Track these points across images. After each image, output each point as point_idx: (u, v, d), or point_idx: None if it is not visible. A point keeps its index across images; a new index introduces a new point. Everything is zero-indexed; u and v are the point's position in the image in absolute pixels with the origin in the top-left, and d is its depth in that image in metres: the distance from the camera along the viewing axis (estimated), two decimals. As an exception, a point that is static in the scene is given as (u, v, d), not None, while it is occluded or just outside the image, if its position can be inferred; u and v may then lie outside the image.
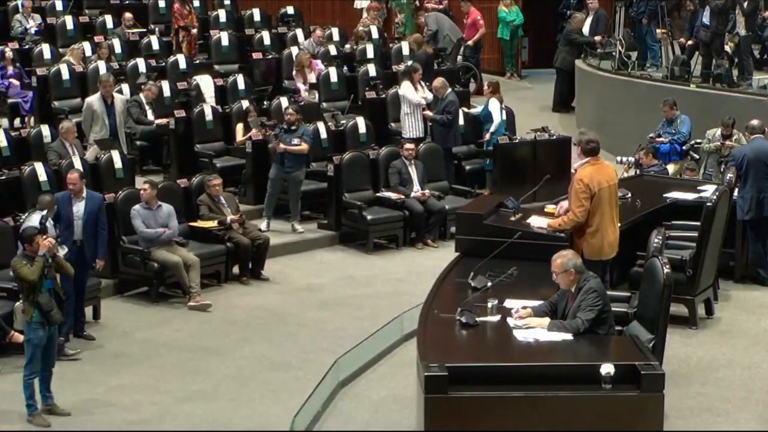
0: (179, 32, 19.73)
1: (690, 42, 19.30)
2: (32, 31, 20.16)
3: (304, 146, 15.17)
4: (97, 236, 12.32)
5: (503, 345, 8.92)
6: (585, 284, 9.04)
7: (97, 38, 19.56)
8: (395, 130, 17.22)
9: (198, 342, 12.27)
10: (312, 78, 18.35)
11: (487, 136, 17.10)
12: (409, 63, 18.42)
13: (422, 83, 17.19)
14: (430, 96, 17.02)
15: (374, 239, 15.23)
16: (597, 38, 21.27)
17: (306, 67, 18.28)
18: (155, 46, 19.52)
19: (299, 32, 20.59)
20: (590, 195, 10.45)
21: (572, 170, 10.78)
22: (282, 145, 15.02)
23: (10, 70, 17.98)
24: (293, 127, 15.20)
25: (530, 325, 8.99)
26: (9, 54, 18.17)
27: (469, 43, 22.45)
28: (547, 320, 9.02)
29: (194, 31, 19.83)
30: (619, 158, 15.89)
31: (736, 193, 13.11)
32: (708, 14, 18.50)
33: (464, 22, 22.67)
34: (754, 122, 14.00)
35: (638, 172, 15.38)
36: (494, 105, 17.31)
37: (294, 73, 18.43)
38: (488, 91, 17.61)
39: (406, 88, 16.94)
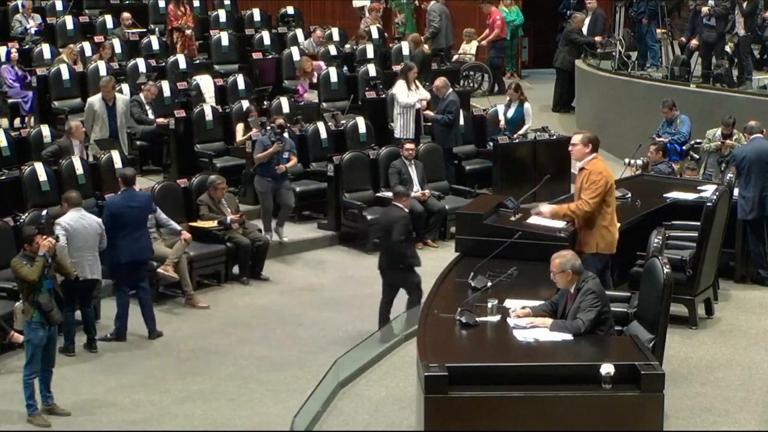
0: (173, 33, 19.74)
1: (694, 41, 19.26)
2: (32, 31, 20.18)
3: (294, 160, 15.16)
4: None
5: (503, 345, 8.92)
6: (584, 285, 9.05)
7: (97, 38, 19.60)
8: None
9: (198, 342, 12.28)
10: (313, 78, 18.37)
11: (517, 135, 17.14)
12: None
13: (417, 82, 17.18)
14: (426, 95, 16.99)
15: (374, 239, 15.21)
16: (597, 39, 21.26)
17: (307, 72, 18.30)
18: (155, 46, 19.54)
19: (299, 32, 20.61)
20: (606, 189, 10.50)
21: (577, 168, 10.74)
22: (283, 166, 14.81)
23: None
24: (284, 133, 15.09)
25: (534, 324, 9.00)
26: (15, 55, 18.23)
27: (483, 42, 22.47)
28: (549, 320, 9.03)
29: (188, 31, 19.78)
30: (626, 160, 15.85)
31: (736, 193, 13.11)
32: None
33: (487, 22, 22.68)
34: (752, 123, 14.03)
35: (642, 171, 15.40)
36: (528, 108, 17.30)
37: (300, 80, 18.42)
38: (516, 94, 17.44)
39: (398, 89, 16.93)
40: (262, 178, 14.86)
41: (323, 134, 16.52)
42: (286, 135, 15.23)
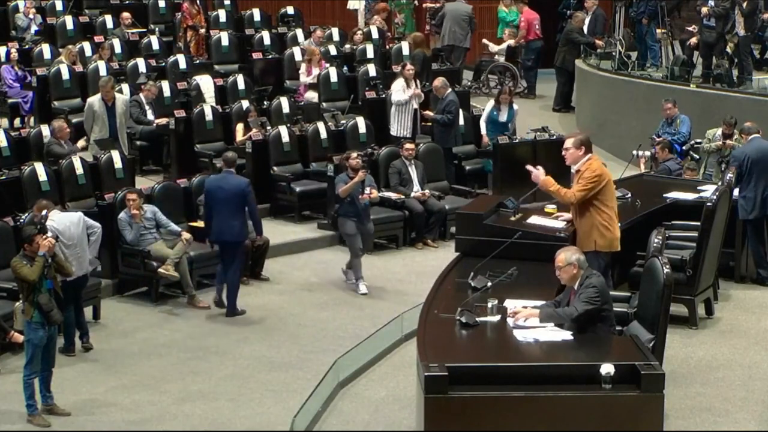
0: (188, 32, 19.77)
1: (694, 40, 19.24)
2: (32, 30, 20.18)
3: (376, 193, 14.23)
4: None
5: (503, 345, 8.93)
6: (587, 281, 9.07)
7: (97, 38, 19.60)
8: (395, 130, 17.24)
9: (198, 342, 12.27)
10: (314, 75, 18.36)
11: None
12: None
13: (417, 81, 17.19)
14: (420, 94, 17.01)
15: (374, 239, 15.20)
16: (598, 42, 21.19)
17: (314, 63, 18.34)
18: (155, 46, 19.54)
19: (299, 32, 20.60)
20: (597, 187, 10.50)
21: (573, 170, 10.77)
22: (366, 195, 13.63)
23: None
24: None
25: (521, 313, 9.00)
26: (14, 55, 18.23)
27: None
28: (537, 311, 9.03)
29: (202, 30, 19.89)
30: (634, 152, 15.83)
31: (736, 193, 13.12)
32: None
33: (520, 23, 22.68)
34: (748, 124, 14.11)
35: (652, 167, 15.41)
36: (516, 109, 17.27)
37: (303, 67, 18.45)
38: (508, 97, 17.37)
39: (394, 87, 16.94)
40: (347, 219, 13.61)
41: (323, 134, 16.51)
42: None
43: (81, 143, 15.47)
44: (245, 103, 16.93)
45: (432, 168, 16.04)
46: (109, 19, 20.65)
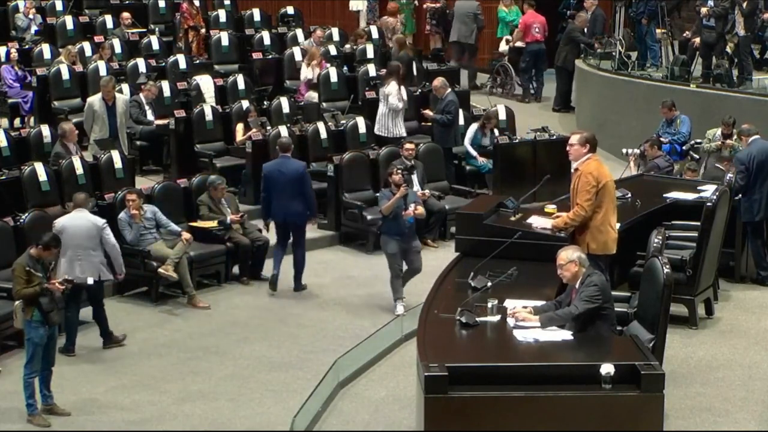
0: (188, 32, 19.77)
1: (695, 40, 19.25)
2: (32, 30, 20.19)
3: (421, 209, 13.48)
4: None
5: (503, 345, 8.93)
6: (588, 279, 9.07)
7: (97, 38, 19.60)
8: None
9: (198, 342, 12.28)
10: (314, 74, 18.38)
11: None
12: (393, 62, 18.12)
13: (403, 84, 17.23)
14: (400, 103, 16.92)
15: (374, 239, 15.20)
16: (596, 43, 21.19)
17: (316, 64, 18.34)
18: (155, 46, 19.55)
19: (299, 32, 20.61)
20: (597, 189, 10.47)
21: (573, 168, 10.74)
22: (411, 211, 12.98)
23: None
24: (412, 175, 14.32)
25: (521, 317, 9.00)
26: (14, 55, 18.23)
27: (514, 44, 22.44)
28: (536, 317, 9.03)
29: (203, 30, 19.90)
30: (624, 150, 15.85)
31: (738, 195, 13.11)
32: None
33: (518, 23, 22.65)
34: (746, 125, 14.09)
35: (641, 164, 15.40)
36: (497, 134, 17.25)
37: (304, 66, 18.45)
38: (496, 121, 17.34)
39: (391, 89, 16.83)
40: (389, 237, 13.01)
41: (323, 134, 16.51)
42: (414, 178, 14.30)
43: None
44: (245, 103, 16.94)
45: (432, 168, 16.03)
46: (109, 19, 20.64)
